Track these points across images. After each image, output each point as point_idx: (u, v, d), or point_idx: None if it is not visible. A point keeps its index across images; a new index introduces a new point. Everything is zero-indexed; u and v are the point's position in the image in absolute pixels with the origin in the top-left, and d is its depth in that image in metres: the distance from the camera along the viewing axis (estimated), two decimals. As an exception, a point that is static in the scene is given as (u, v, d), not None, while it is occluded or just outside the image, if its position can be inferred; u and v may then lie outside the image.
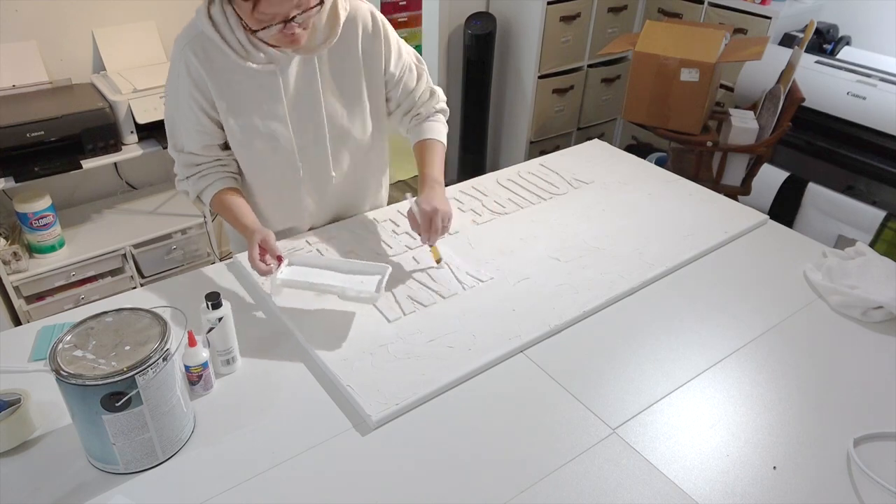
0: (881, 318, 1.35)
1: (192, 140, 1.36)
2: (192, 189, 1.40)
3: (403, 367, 1.19)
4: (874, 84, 2.65)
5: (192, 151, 1.37)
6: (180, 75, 1.30)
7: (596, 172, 1.88)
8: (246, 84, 1.32)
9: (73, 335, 0.98)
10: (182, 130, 1.36)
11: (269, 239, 1.28)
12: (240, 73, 1.30)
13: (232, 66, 1.29)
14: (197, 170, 1.39)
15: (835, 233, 2.77)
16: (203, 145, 1.37)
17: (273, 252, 1.29)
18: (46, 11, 2.29)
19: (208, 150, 1.38)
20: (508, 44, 3.36)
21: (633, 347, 1.27)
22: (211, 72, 1.29)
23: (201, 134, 1.35)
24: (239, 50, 1.26)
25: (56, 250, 2.34)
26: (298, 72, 1.35)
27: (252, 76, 1.31)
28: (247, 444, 1.06)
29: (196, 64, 1.28)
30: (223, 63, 1.29)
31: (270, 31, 1.20)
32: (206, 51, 1.28)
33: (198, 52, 1.28)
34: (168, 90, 1.35)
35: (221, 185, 1.39)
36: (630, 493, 0.99)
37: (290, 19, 1.19)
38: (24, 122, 2.09)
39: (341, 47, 1.37)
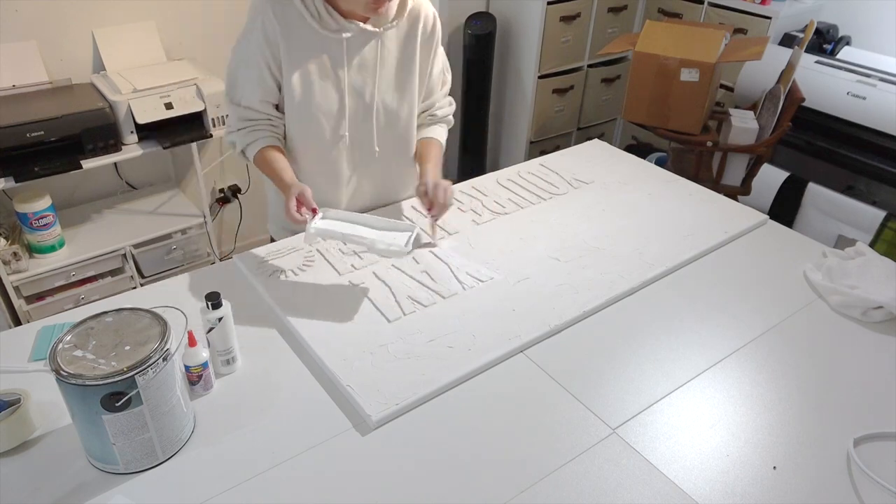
0: (881, 318, 1.35)
1: (251, 94, 1.42)
2: (239, 141, 1.45)
3: (403, 367, 1.19)
4: (874, 84, 2.65)
5: (248, 105, 1.43)
6: (255, 30, 1.36)
7: (596, 172, 1.88)
8: (315, 47, 1.39)
9: (73, 335, 0.98)
10: (244, 84, 1.42)
11: (305, 192, 1.34)
12: (311, 36, 1.37)
13: (306, 29, 1.36)
14: (249, 124, 1.44)
15: (835, 233, 2.77)
16: (260, 100, 1.42)
17: (309, 205, 1.34)
18: (46, 11, 2.29)
19: (264, 107, 1.44)
20: (508, 44, 3.36)
21: (633, 347, 1.27)
22: (286, 32, 1.35)
23: (262, 90, 1.41)
24: (315, 15, 1.35)
25: (56, 250, 2.34)
26: (364, 46, 1.42)
27: (322, 41, 1.38)
28: (247, 444, 1.06)
29: (274, 22, 1.34)
30: (298, 24, 1.36)
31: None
32: (284, 11, 1.35)
33: (277, 11, 1.34)
34: (240, 42, 1.41)
35: (267, 142, 1.44)
36: (630, 493, 0.99)
37: None
38: (24, 122, 2.09)
39: (404, 34, 1.46)
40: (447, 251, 1.51)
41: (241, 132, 1.45)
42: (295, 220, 1.32)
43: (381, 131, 1.53)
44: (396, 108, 1.52)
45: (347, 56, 1.41)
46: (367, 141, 1.53)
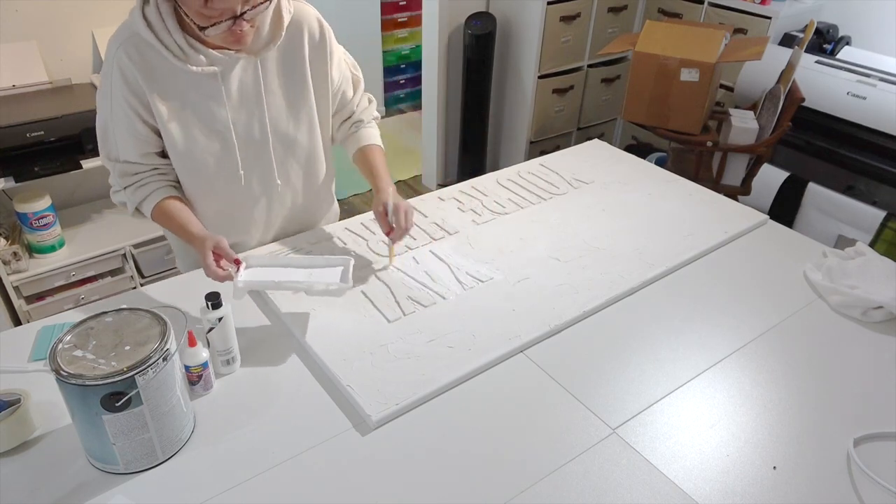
0: (881, 318, 1.35)
1: (127, 148, 1.29)
2: (130, 200, 1.34)
3: (403, 367, 1.19)
4: (874, 84, 2.65)
5: (127, 160, 1.31)
6: (114, 79, 1.23)
7: (596, 172, 1.88)
8: (185, 88, 1.26)
9: (73, 335, 0.98)
10: (117, 138, 1.29)
11: (221, 243, 1.23)
12: (178, 76, 1.25)
13: (169, 68, 1.23)
14: (134, 179, 1.33)
15: (835, 233, 2.77)
16: (140, 153, 1.30)
17: (229, 256, 1.23)
18: (46, 11, 2.29)
19: (146, 158, 1.32)
20: (508, 44, 3.36)
21: (633, 347, 1.27)
22: (146, 75, 1.22)
23: (137, 141, 1.29)
24: (176, 51, 1.21)
25: (56, 250, 2.34)
26: (241, 76, 1.30)
27: (192, 79, 1.26)
28: (247, 444, 1.06)
29: (130, 67, 1.21)
30: (160, 65, 1.23)
31: (219, 28, 1.15)
32: (140, 53, 1.21)
33: (132, 55, 1.21)
34: (101, 95, 1.28)
35: (163, 195, 1.33)
36: (630, 493, 0.99)
37: (239, 15, 1.15)
38: (24, 122, 2.09)
39: (286, 52, 1.33)
40: (447, 251, 1.51)
41: (129, 190, 1.33)
42: (217, 277, 1.20)
43: (283, 161, 1.42)
44: (294, 134, 1.40)
45: (226, 91, 1.28)
46: (268, 175, 1.41)
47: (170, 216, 1.32)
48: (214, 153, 1.33)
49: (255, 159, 1.38)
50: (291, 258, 1.33)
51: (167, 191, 1.34)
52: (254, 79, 1.31)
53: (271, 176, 1.42)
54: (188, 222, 1.31)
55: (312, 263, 1.31)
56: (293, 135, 1.40)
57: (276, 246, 1.51)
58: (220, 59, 1.25)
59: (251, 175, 1.39)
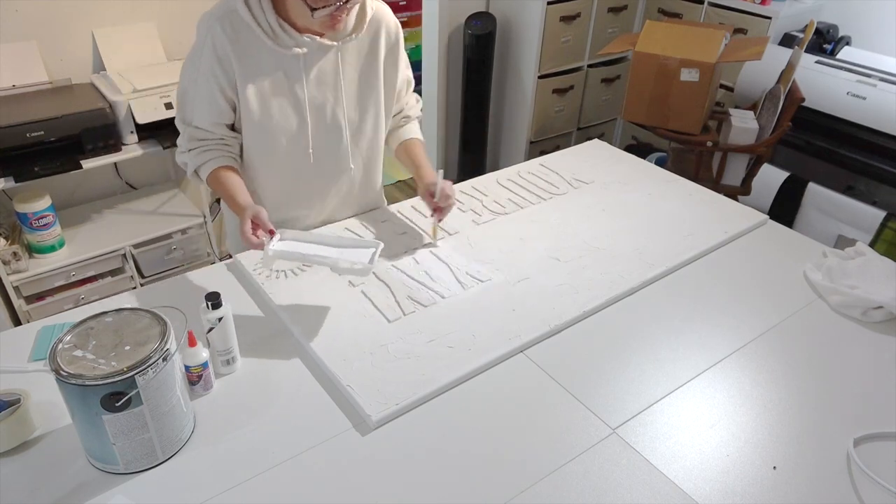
0: (881, 318, 1.35)
1: (202, 115, 1.37)
2: (191, 161, 1.40)
3: (403, 367, 1.19)
4: (874, 84, 2.65)
5: (199, 126, 1.38)
6: (205, 49, 1.31)
7: (596, 172, 1.88)
8: (271, 66, 1.34)
9: (73, 335, 0.98)
10: (195, 104, 1.37)
11: (260, 214, 1.28)
12: (266, 54, 1.33)
13: (260, 46, 1.31)
14: (200, 144, 1.39)
15: (835, 233, 2.77)
16: (212, 122, 1.38)
17: (265, 226, 1.28)
18: (46, 11, 2.29)
19: (216, 128, 1.39)
20: (508, 44, 3.36)
21: (633, 347, 1.27)
22: (238, 50, 1.31)
23: (213, 111, 1.36)
24: (269, 33, 1.30)
25: (56, 250, 2.34)
26: (322, 62, 1.38)
27: (278, 59, 1.34)
28: (247, 444, 1.06)
29: (224, 40, 1.29)
30: (251, 43, 1.31)
31: (326, 11, 1.24)
32: (235, 29, 1.30)
33: (226, 29, 1.29)
34: (188, 62, 1.36)
35: (221, 163, 1.39)
36: (630, 493, 0.99)
37: (344, 2, 1.24)
38: (24, 122, 2.09)
39: (365, 46, 1.42)
40: (447, 251, 1.51)
41: (193, 153, 1.39)
42: (251, 244, 1.25)
43: (348, 147, 1.50)
44: (360, 123, 1.49)
45: (305, 72, 1.37)
46: (335, 158, 1.49)
47: (222, 183, 1.38)
48: (288, 130, 1.41)
49: (325, 141, 1.46)
50: (324, 236, 1.37)
51: (226, 160, 1.40)
52: (334, 66, 1.39)
53: (339, 159, 1.50)
54: (237, 192, 1.36)
55: (343, 244, 1.35)
56: (359, 124, 1.49)
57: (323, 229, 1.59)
58: (307, 43, 1.33)
59: (319, 156, 1.47)
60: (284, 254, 1.28)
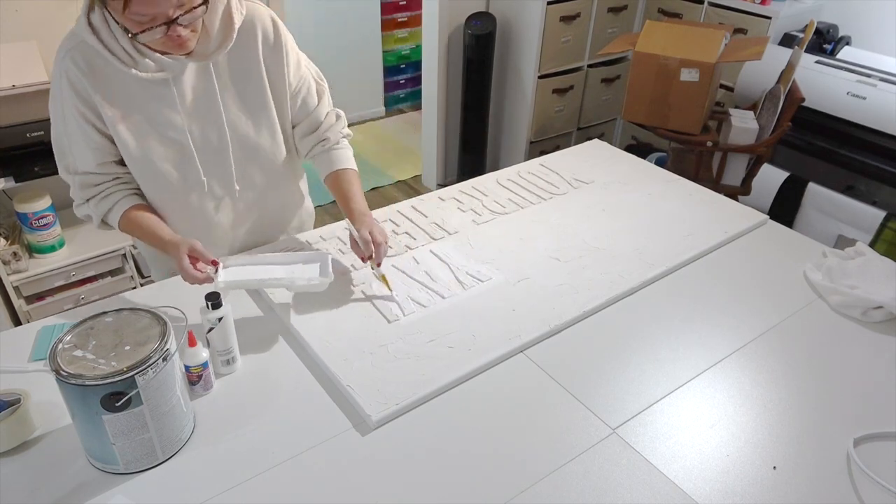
0: (881, 318, 1.35)
1: (85, 159, 1.25)
2: (95, 213, 1.30)
3: (403, 367, 1.19)
4: (874, 84, 2.65)
5: (87, 171, 1.27)
6: (63, 89, 1.19)
7: (596, 172, 1.88)
8: (136, 94, 1.22)
9: (73, 335, 0.98)
10: (73, 150, 1.25)
11: (196, 245, 1.20)
12: (128, 82, 1.20)
13: (118, 74, 1.19)
14: (96, 191, 1.29)
15: (835, 233, 2.77)
16: (98, 163, 1.26)
17: (205, 258, 1.20)
18: (46, 11, 2.29)
19: (105, 168, 1.28)
20: (508, 44, 3.36)
21: (633, 347, 1.27)
22: (95, 82, 1.19)
23: (93, 151, 1.25)
24: (124, 57, 1.16)
25: (56, 250, 2.34)
26: (194, 80, 1.25)
27: (142, 85, 1.21)
28: (247, 444, 1.06)
29: (78, 75, 1.17)
30: (108, 72, 1.19)
31: (154, 35, 1.10)
32: (87, 60, 1.17)
33: (79, 62, 1.17)
34: (53, 107, 1.24)
35: (128, 204, 1.29)
36: (630, 493, 0.99)
37: (172, 20, 1.09)
38: (24, 122, 2.09)
39: (240, 54, 1.28)
40: (447, 251, 1.51)
41: (92, 202, 1.29)
42: (195, 279, 1.18)
43: (245, 166, 1.36)
44: (255, 138, 1.34)
45: (179, 96, 1.23)
46: (229, 180, 1.36)
47: (139, 225, 1.29)
48: (173, 160, 1.29)
49: (216, 165, 1.33)
50: (269, 256, 1.32)
51: (132, 199, 1.31)
52: (207, 83, 1.26)
53: (231, 181, 1.37)
54: (158, 228, 1.28)
55: (291, 260, 1.30)
56: (254, 139, 1.35)
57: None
58: (171, 64, 1.20)
59: (214, 180, 1.35)
60: (236, 283, 1.22)
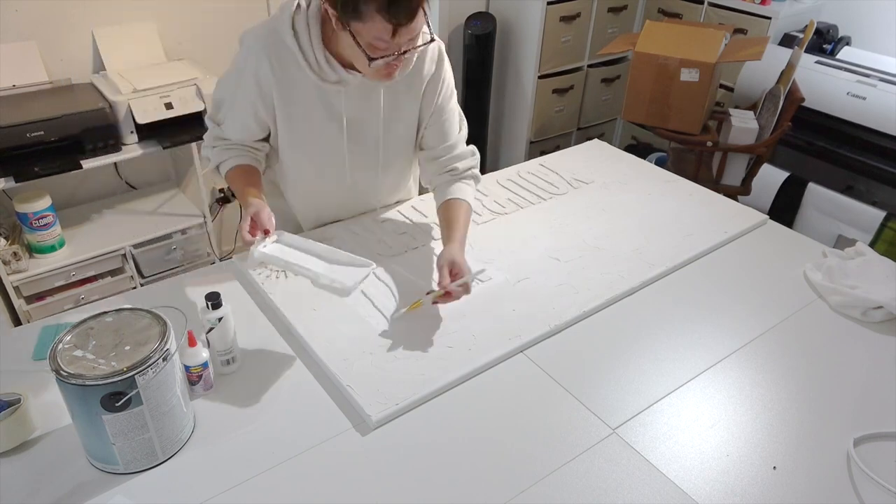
0: (881, 318, 1.35)
1: (232, 128, 1.38)
2: (214, 157, 1.41)
3: (403, 367, 1.19)
4: (874, 84, 2.65)
5: (228, 136, 1.40)
6: (246, 71, 1.30)
7: (596, 172, 1.88)
8: (311, 96, 1.33)
9: (73, 335, 0.98)
10: (227, 115, 1.38)
11: (262, 212, 1.26)
12: (308, 86, 1.32)
13: (302, 78, 1.30)
14: (225, 143, 1.41)
15: (835, 233, 2.77)
16: (241, 137, 1.39)
17: (262, 226, 1.26)
18: (46, 11, 2.29)
19: (244, 139, 1.41)
20: (508, 44, 3.36)
21: (633, 347, 1.27)
22: (282, 80, 1.30)
23: (243, 130, 1.38)
24: (314, 66, 1.27)
25: (56, 250, 2.34)
26: (362, 94, 1.36)
27: (318, 91, 1.33)
28: (247, 444, 1.06)
29: (267, 69, 1.28)
30: (294, 74, 1.29)
31: (385, 61, 1.18)
32: (279, 58, 1.27)
33: (272, 61, 1.27)
34: (230, 76, 1.35)
35: (241, 161, 1.40)
36: (630, 493, 0.99)
37: (402, 52, 1.18)
38: (24, 122, 2.09)
39: (407, 76, 1.36)
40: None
41: (217, 149, 1.41)
42: (244, 240, 1.25)
43: (384, 171, 1.52)
44: (396, 148, 1.48)
45: (347, 104, 1.35)
46: (370, 186, 1.54)
47: (238, 178, 1.38)
48: (324, 155, 1.42)
49: (362, 167, 1.47)
50: (319, 247, 1.31)
51: (247, 160, 1.41)
52: (374, 100, 1.37)
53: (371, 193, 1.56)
54: (249, 189, 1.35)
55: (336, 258, 1.30)
56: (397, 150, 1.49)
57: None
58: (351, 80, 1.30)
59: (354, 178, 1.49)
60: (269, 258, 1.24)
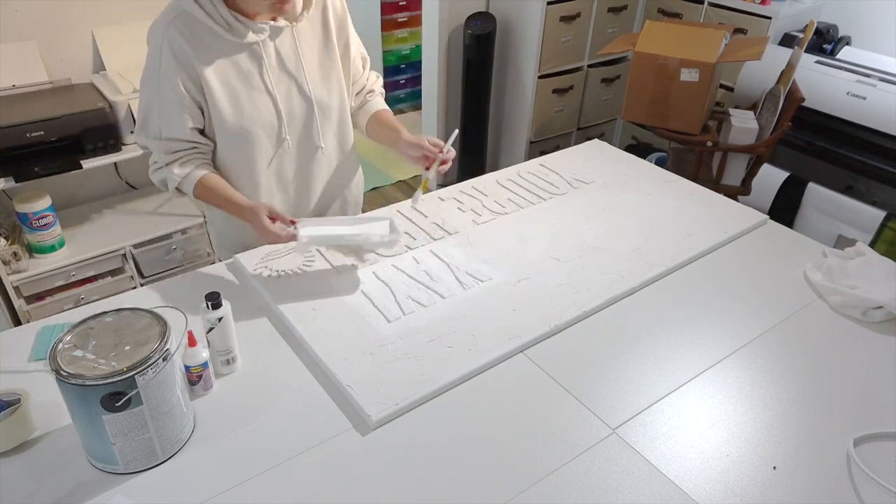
0: (881, 318, 1.35)
1: (175, 124, 1.35)
2: (171, 177, 1.38)
3: (403, 367, 1.19)
4: (874, 84, 2.65)
5: (172, 137, 1.36)
6: (163, 57, 1.30)
7: (596, 172, 1.88)
8: (231, 58, 1.35)
9: (73, 335, 0.98)
10: (162, 115, 1.35)
11: (274, 207, 1.32)
12: (225, 47, 1.33)
13: (217, 41, 1.32)
14: (176, 156, 1.38)
15: (835, 233, 2.77)
16: (189, 127, 1.36)
17: (284, 218, 1.31)
18: (46, 11, 2.29)
19: (191, 135, 1.37)
20: (508, 44, 3.36)
21: (633, 347, 1.27)
22: (197, 49, 1.30)
23: (184, 115, 1.35)
24: (223, 25, 1.30)
25: (56, 250, 2.34)
26: (280, 45, 1.39)
27: (236, 49, 1.35)
28: (247, 444, 1.06)
29: (181, 42, 1.29)
30: (208, 39, 1.31)
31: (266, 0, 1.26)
32: (189, 28, 1.30)
33: (183, 31, 1.29)
34: (147, 75, 1.34)
35: (203, 171, 1.39)
36: (630, 493, 0.99)
37: None
38: (24, 122, 2.09)
39: (317, 24, 1.44)
40: (447, 250, 1.51)
41: (171, 167, 1.37)
42: (277, 237, 1.29)
43: (322, 126, 1.50)
44: (328, 100, 1.49)
45: (267, 57, 1.37)
46: (309, 140, 1.49)
47: (214, 190, 1.39)
48: (261, 120, 1.41)
49: (298, 125, 1.47)
50: (339, 219, 1.43)
51: (207, 168, 1.41)
52: (292, 48, 1.40)
53: (312, 140, 1.50)
54: (234, 195, 1.38)
55: (359, 221, 1.39)
56: (326, 100, 1.49)
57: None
58: (262, 29, 1.34)
59: (294, 138, 1.47)
60: (317, 239, 1.31)
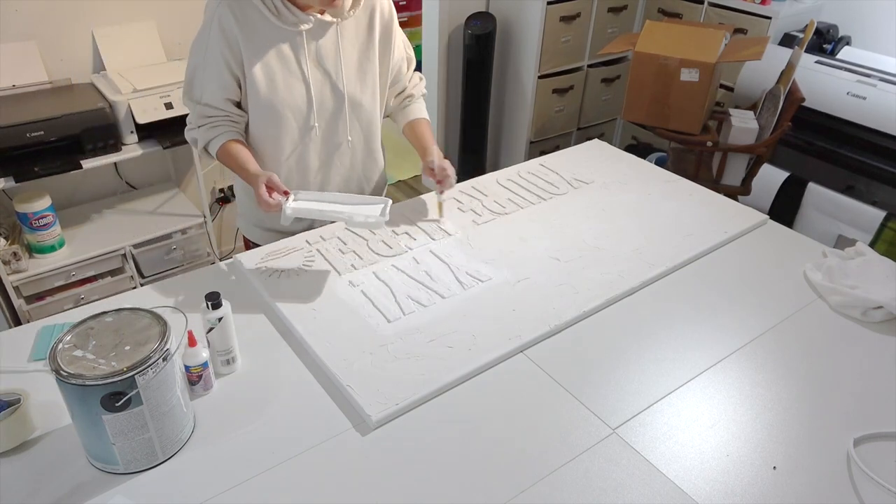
0: (881, 318, 1.35)
1: (212, 92, 1.43)
2: (201, 137, 1.47)
3: (403, 367, 1.19)
4: (874, 84, 2.65)
5: (208, 103, 1.44)
6: (213, 30, 1.38)
7: (596, 172, 1.88)
8: (275, 43, 1.41)
9: (73, 335, 0.98)
10: (204, 82, 1.43)
11: (273, 178, 1.36)
12: (271, 32, 1.40)
13: (264, 25, 1.39)
14: (208, 121, 1.46)
15: (835, 233, 2.77)
16: (222, 98, 1.44)
17: (279, 189, 1.36)
18: (46, 11, 2.29)
19: (225, 104, 1.45)
20: (508, 44, 3.36)
21: (633, 347, 1.27)
22: (245, 30, 1.37)
23: (221, 87, 1.43)
24: (273, 10, 1.38)
25: (56, 250, 2.34)
26: (323, 39, 1.45)
27: (282, 36, 1.41)
28: (247, 444, 1.06)
29: (231, 20, 1.36)
30: (257, 21, 1.38)
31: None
32: (241, 8, 1.37)
33: (234, 10, 1.36)
34: (197, 42, 1.43)
35: (229, 137, 1.46)
36: (630, 493, 0.99)
37: None
38: (24, 122, 2.09)
39: (362, 24, 1.50)
40: (447, 251, 1.51)
41: (202, 129, 1.46)
42: (268, 206, 1.33)
43: (351, 120, 1.56)
44: (360, 98, 1.54)
45: (307, 48, 1.44)
46: (336, 132, 1.55)
47: (232, 156, 1.45)
48: (293, 104, 1.47)
49: (327, 115, 1.52)
50: (335, 195, 1.44)
51: (234, 135, 1.47)
52: (334, 42, 1.47)
53: (339, 132, 1.56)
54: (247, 162, 1.44)
55: (354, 201, 1.43)
56: (359, 98, 1.54)
57: None
58: (309, 20, 1.42)
59: (322, 127, 1.53)
60: (301, 210, 1.35)
